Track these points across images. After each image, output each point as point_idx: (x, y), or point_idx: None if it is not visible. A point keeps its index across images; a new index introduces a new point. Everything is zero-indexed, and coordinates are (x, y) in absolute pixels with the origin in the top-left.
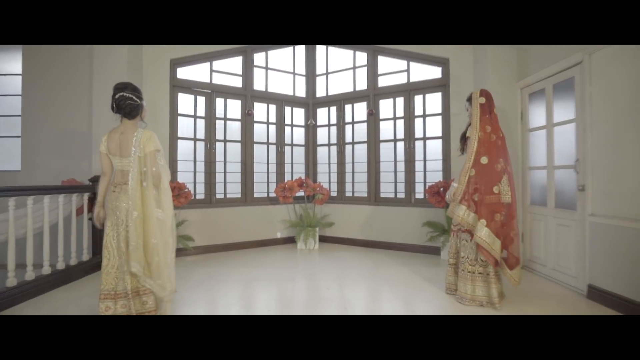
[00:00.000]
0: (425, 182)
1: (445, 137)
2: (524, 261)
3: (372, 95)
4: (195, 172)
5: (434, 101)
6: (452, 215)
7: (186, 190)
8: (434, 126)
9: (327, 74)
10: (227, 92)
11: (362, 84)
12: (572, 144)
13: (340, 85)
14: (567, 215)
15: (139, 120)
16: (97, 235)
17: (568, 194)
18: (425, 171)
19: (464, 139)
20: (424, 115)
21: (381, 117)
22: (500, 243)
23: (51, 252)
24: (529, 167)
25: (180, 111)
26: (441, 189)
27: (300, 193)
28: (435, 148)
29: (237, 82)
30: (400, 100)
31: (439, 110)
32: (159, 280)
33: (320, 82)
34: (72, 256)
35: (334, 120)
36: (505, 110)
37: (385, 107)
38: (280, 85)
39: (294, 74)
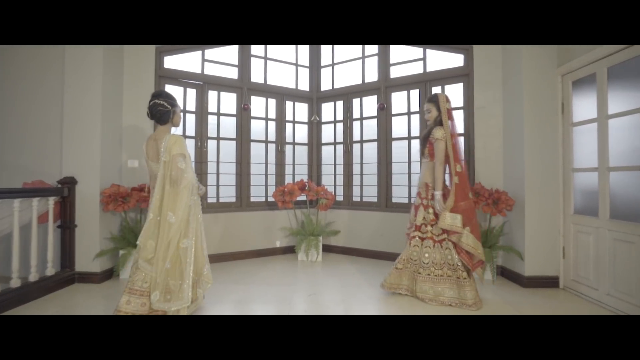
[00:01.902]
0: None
1: (469, 134)
2: (565, 282)
3: (384, 87)
4: None
5: (455, 93)
6: (445, 226)
7: None
8: (455, 122)
9: (332, 64)
10: (221, 84)
11: (372, 75)
12: (636, 140)
13: (347, 77)
14: (629, 228)
15: (170, 125)
16: (67, 246)
17: (629, 202)
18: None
19: (425, 141)
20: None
21: (393, 112)
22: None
23: (4, 267)
24: (572, 169)
25: None
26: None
27: (302, 197)
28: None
29: (232, 73)
30: (415, 93)
31: (461, 104)
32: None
33: (325, 73)
34: (32, 271)
35: (340, 116)
36: (542, 102)
37: (399, 100)
38: (281, 77)
39: (296, 65)
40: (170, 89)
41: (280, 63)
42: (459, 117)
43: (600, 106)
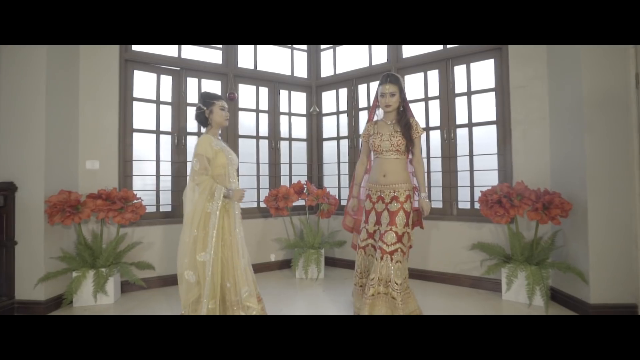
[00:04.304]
0: (472, 186)
1: (503, 121)
2: None
3: (395, 69)
4: (158, 175)
5: (484, 72)
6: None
7: (135, 202)
8: (485, 107)
9: (334, 46)
10: (202, 70)
11: (380, 57)
12: None
13: (351, 60)
14: None
15: (211, 127)
16: (4, 268)
17: None
18: (472, 170)
19: (409, 131)
20: (469, 93)
21: (408, 98)
22: None
23: None
24: None
25: (136, 94)
26: (504, 197)
27: (300, 202)
28: (486, 138)
29: (215, 57)
30: (433, 74)
31: (492, 84)
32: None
33: (325, 57)
34: None
35: (344, 106)
36: (606, 75)
37: (413, 84)
38: (274, 61)
39: (292, 47)
40: (139, 75)
41: (273, 45)
42: (488, 102)
43: None
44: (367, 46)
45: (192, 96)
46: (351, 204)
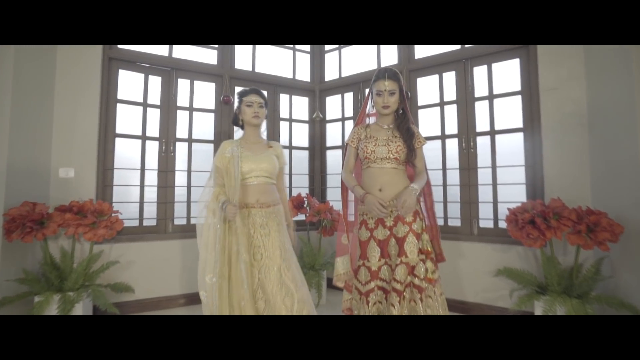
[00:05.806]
0: (495, 202)
1: (531, 128)
2: None
3: (407, 71)
4: (142, 186)
5: (508, 73)
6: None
7: (112, 215)
8: (509, 113)
9: (339, 47)
10: (195, 71)
11: (390, 57)
12: None
13: (358, 62)
14: None
15: (245, 127)
16: None
17: None
18: (495, 184)
19: (411, 139)
20: (491, 96)
21: (420, 103)
22: None
23: None
24: None
25: (120, 96)
26: (538, 216)
27: (300, 217)
28: (511, 147)
29: (210, 57)
30: (450, 76)
31: (517, 87)
32: None
33: (330, 59)
34: None
35: (350, 112)
36: None
37: (427, 87)
38: (274, 63)
39: (294, 48)
40: (125, 75)
41: (274, 46)
42: (512, 107)
43: None
44: (375, 46)
45: (183, 99)
46: (369, 201)
